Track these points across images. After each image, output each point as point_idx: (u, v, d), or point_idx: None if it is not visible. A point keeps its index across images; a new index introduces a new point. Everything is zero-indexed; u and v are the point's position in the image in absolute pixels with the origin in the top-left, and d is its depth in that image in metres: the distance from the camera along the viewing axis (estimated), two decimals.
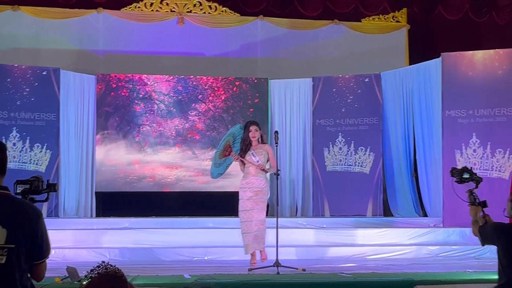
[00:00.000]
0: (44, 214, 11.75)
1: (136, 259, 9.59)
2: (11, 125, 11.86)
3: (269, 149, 9.17)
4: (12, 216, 3.67)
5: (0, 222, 3.62)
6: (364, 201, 12.57)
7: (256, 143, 9.16)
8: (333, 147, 12.85)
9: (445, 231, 11.02)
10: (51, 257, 9.59)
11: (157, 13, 13.65)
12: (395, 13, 14.43)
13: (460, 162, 11.29)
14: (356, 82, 12.89)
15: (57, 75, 12.16)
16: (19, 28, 13.17)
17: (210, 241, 10.44)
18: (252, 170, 9.08)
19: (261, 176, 9.08)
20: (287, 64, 14.01)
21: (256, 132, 9.15)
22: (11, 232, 3.63)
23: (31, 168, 11.84)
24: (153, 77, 12.96)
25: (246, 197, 9.11)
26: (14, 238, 3.63)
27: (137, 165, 12.75)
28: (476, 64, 11.48)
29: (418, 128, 12.38)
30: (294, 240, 10.53)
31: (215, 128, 12.99)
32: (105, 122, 12.70)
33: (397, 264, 9.40)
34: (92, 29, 13.49)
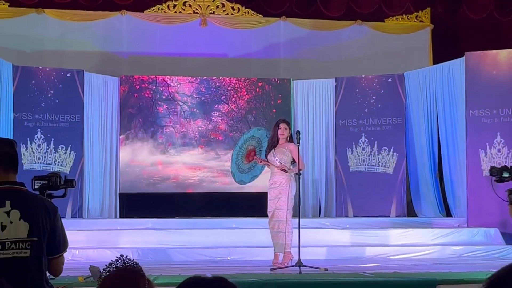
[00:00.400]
0: (69, 215, 11.90)
1: (158, 259, 9.64)
2: (36, 126, 11.96)
3: (293, 149, 9.04)
4: (33, 210, 3.74)
5: (22, 216, 3.69)
6: (388, 201, 12.52)
7: (284, 141, 9.12)
8: (356, 148, 12.83)
9: (469, 231, 10.95)
10: (75, 257, 9.71)
11: (180, 15, 13.69)
12: (418, 12, 14.36)
13: (485, 161, 11.22)
14: (379, 82, 12.85)
15: (81, 77, 12.25)
16: (44, 31, 13.28)
17: (233, 241, 10.48)
18: (277, 168, 9.06)
19: (284, 173, 9.01)
20: (310, 65, 14.00)
21: (285, 130, 9.13)
22: (33, 226, 3.69)
23: (56, 170, 11.88)
24: (176, 78, 13.01)
25: (272, 197, 9.10)
26: (36, 232, 3.69)
27: (161, 166, 12.81)
28: (500, 63, 11.40)
29: (442, 128, 12.30)
30: (317, 240, 10.52)
31: (238, 129, 13.01)
32: (129, 124, 12.77)
33: (420, 264, 9.35)
34: (116, 31, 13.57)
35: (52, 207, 3.82)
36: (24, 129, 11.86)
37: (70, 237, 10.33)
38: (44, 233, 3.74)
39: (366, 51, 14.15)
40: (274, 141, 9.16)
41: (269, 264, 8.92)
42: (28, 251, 3.69)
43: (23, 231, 3.68)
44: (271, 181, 9.13)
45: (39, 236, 3.71)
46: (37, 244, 3.71)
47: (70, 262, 9.28)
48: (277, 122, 9.34)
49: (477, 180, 11.29)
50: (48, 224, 3.75)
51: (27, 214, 3.71)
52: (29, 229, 3.69)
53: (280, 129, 9.13)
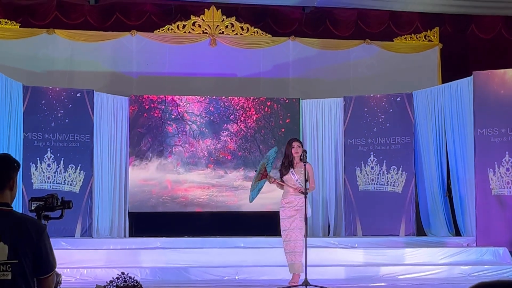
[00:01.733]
0: (78, 234, 11.91)
1: (167, 278, 9.65)
2: (46, 146, 12.02)
3: (309, 169, 9.06)
4: (12, 231, 3.68)
5: (2, 238, 3.64)
6: (397, 220, 12.50)
7: (298, 160, 9.12)
8: (365, 167, 12.82)
9: (478, 251, 10.91)
10: (83, 276, 9.72)
11: (190, 35, 13.79)
12: (427, 32, 14.41)
13: (493, 180, 11.21)
14: (388, 102, 12.87)
15: (91, 96, 12.32)
16: (54, 51, 13.40)
17: (241, 260, 10.48)
18: (291, 188, 9.05)
19: (300, 194, 8.98)
20: (319, 84, 14.05)
21: (299, 148, 9.13)
22: (12, 248, 3.65)
23: (65, 189, 11.98)
24: (185, 98, 13.07)
25: (286, 216, 9.05)
26: (16, 254, 3.64)
27: (170, 185, 12.84)
28: (507, 82, 11.41)
29: (451, 147, 12.29)
30: (325, 260, 10.51)
31: (246, 148, 13.05)
32: (138, 143, 12.82)
33: (428, 283, 9.33)
34: (126, 51, 13.67)
35: (37, 227, 3.76)
36: (34, 149, 11.92)
37: (79, 256, 10.41)
38: (26, 255, 3.69)
39: (375, 70, 14.20)
40: (290, 161, 9.14)
41: (276, 283, 8.92)
42: (10, 273, 3.65)
43: (3, 254, 3.66)
44: (286, 200, 9.09)
45: (19, 258, 3.67)
46: (18, 266, 3.66)
47: (78, 281, 9.34)
48: (289, 141, 9.34)
49: (485, 199, 11.27)
50: (32, 245, 3.71)
51: (7, 236, 3.66)
52: (9, 252, 3.66)
53: (293, 148, 9.13)
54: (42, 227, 3.82)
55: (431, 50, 14.35)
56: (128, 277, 3.30)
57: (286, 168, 9.15)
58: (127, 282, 3.30)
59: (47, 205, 4.09)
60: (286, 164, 9.17)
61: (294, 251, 8.90)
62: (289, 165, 9.14)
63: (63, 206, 4.13)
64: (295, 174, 9.05)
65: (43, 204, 4.08)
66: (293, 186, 8.99)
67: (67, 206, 4.15)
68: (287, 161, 9.18)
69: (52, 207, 4.11)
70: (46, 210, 4.10)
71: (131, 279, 3.29)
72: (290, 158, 9.15)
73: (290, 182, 9.06)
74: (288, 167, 9.13)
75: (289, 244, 8.95)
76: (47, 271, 3.81)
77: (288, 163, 9.15)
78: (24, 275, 3.67)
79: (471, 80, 11.67)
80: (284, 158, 9.29)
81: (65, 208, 4.16)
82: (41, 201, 4.07)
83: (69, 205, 4.17)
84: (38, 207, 4.06)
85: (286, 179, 9.11)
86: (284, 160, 9.26)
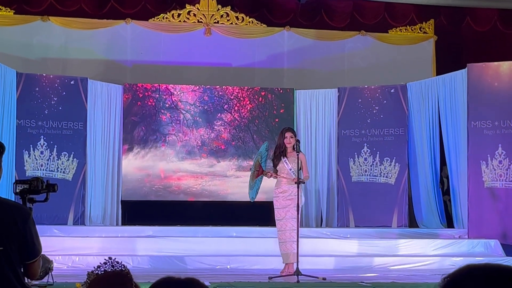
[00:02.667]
0: (71, 222, 11.91)
1: (159, 267, 9.65)
2: (39, 133, 12.00)
3: (303, 158, 9.05)
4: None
5: None
6: (389, 212, 12.53)
7: (291, 149, 9.09)
8: (358, 158, 12.83)
9: (469, 243, 10.94)
10: (75, 264, 9.71)
11: (185, 24, 13.76)
12: (422, 24, 14.41)
13: (486, 173, 11.23)
14: (382, 93, 12.87)
15: (85, 84, 12.30)
16: (48, 38, 13.36)
17: (233, 250, 10.50)
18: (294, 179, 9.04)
19: (293, 183, 8.95)
20: (314, 75, 14.04)
21: (291, 138, 9.10)
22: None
23: (58, 176, 11.97)
24: (179, 87, 13.05)
25: (280, 206, 9.04)
26: (1, 241, 3.60)
27: (163, 174, 12.84)
28: (501, 75, 11.42)
29: (444, 139, 12.30)
30: (317, 250, 10.54)
31: (240, 138, 13.04)
32: (132, 131, 12.81)
33: (419, 274, 9.36)
34: (120, 39, 13.64)
35: (22, 214, 3.70)
36: (27, 136, 11.90)
37: (71, 244, 10.41)
38: (12, 242, 3.66)
39: (369, 62, 14.19)
40: (281, 151, 9.12)
41: (268, 273, 8.92)
42: None
43: None
44: (280, 189, 9.08)
45: (5, 245, 3.63)
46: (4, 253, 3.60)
47: (70, 269, 9.34)
48: (282, 131, 9.32)
49: (478, 192, 11.30)
50: (18, 232, 3.68)
51: None
52: None
53: (286, 138, 9.11)
54: (27, 212, 3.77)
55: (426, 42, 14.35)
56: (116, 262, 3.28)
57: (278, 157, 9.13)
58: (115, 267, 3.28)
59: (32, 188, 4.07)
60: (278, 154, 9.16)
61: (288, 241, 8.90)
62: (280, 155, 9.11)
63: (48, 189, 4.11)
64: (289, 163, 9.04)
65: (27, 187, 4.05)
66: (287, 177, 8.98)
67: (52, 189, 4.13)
68: (278, 150, 9.17)
69: (37, 190, 4.09)
70: (31, 193, 4.08)
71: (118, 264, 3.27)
72: (282, 148, 9.13)
73: (284, 171, 9.06)
74: (280, 156, 9.11)
75: (284, 234, 8.95)
76: (33, 256, 3.79)
77: (280, 153, 9.13)
78: (10, 262, 3.64)
79: (465, 73, 11.67)
80: (276, 147, 9.28)
81: (50, 191, 4.13)
82: (26, 184, 4.05)
83: (54, 188, 4.14)
84: (23, 190, 4.04)
85: (279, 168, 9.10)
86: (276, 150, 9.25)
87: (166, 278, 2.26)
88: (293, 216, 8.87)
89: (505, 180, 11.07)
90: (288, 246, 8.89)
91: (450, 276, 1.78)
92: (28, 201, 4.06)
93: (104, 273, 3.24)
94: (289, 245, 8.88)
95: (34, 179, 4.08)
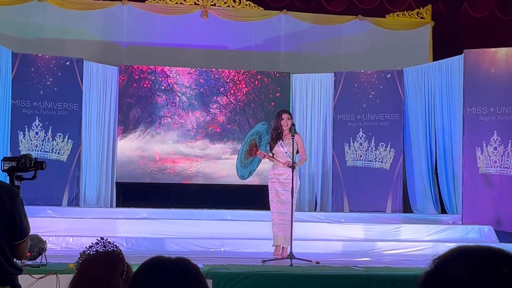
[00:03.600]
0: (65, 203, 11.92)
1: (152, 249, 9.66)
2: (34, 114, 11.98)
3: (299, 140, 9.00)
4: None
5: None
6: (384, 197, 12.55)
7: (287, 132, 9.01)
8: (354, 143, 12.84)
9: (463, 228, 10.97)
10: (69, 245, 9.71)
11: (181, 6, 13.70)
12: (419, 9, 14.36)
13: (481, 159, 11.24)
14: (378, 78, 12.86)
15: (80, 65, 12.26)
16: (44, 19, 13.29)
17: (227, 233, 10.52)
18: (281, 160, 9.02)
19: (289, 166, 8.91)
20: (310, 59, 14.01)
21: (288, 120, 9.02)
22: None
23: (53, 158, 11.96)
24: (175, 69, 13.02)
25: (274, 188, 9.03)
26: None
27: (158, 156, 12.83)
28: (498, 61, 11.40)
29: (439, 124, 12.30)
30: (311, 234, 10.56)
31: (236, 121, 13.03)
32: (127, 113, 12.79)
33: (412, 259, 9.37)
34: (117, 20, 13.58)
35: (10, 194, 3.71)
36: (22, 116, 11.88)
37: (65, 225, 10.42)
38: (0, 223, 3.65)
39: (366, 47, 14.16)
40: (278, 133, 9.07)
41: (262, 256, 8.92)
42: None
43: None
44: (276, 172, 9.05)
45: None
46: None
47: (64, 249, 9.35)
48: (278, 113, 9.26)
49: (472, 178, 11.31)
50: (6, 213, 3.67)
51: None
52: None
53: (283, 119, 9.03)
54: (16, 192, 3.76)
55: (423, 28, 14.31)
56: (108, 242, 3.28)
57: (274, 140, 9.09)
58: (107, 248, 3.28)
59: (20, 165, 4.04)
60: (274, 136, 9.11)
61: (282, 223, 8.91)
62: (277, 137, 9.07)
63: (36, 167, 4.08)
64: (284, 146, 9.02)
65: (15, 164, 4.02)
66: (282, 161, 8.97)
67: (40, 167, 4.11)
68: (275, 133, 9.11)
69: (25, 168, 4.07)
70: (19, 171, 4.06)
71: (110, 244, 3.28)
72: (279, 130, 9.07)
73: (280, 154, 9.04)
74: (276, 139, 9.07)
75: (277, 216, 8.96)
76: (22, 236, 3.78)
77: (277, 135, 9.08)
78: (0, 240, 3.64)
79: (462, 59, 11.66)
80: (272, 130, 9.20)
81: (38, 169, 4.11)
82: (13, 161, 4.02)
83: (42, 166, 4.12)
84: (11, 167, 4.01)
85: (276, 151, 9.08)
86: (272, 132, 9.17)
87: (157, 257, 2.25)
88: (288, 199, 8.86)
89: (500, 167, 11.08)
90: (281, 228, 8.91)
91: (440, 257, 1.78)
92: (16, 178, 4.04)
93: (96, 253, 3.24)
94: (282, 227, 8.90)
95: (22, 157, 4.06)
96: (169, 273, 2.17)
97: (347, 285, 7.29)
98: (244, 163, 9.22)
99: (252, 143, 9.13)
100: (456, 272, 1.70)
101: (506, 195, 11.16)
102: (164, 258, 2.23)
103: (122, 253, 3.23)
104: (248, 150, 9.14)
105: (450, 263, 1.73)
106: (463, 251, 1.75)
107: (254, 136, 9.20)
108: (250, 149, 9.14)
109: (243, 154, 9.18)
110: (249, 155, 9.18)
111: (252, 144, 9.12)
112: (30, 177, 4.09)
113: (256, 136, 9.18)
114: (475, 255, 1.72)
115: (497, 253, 1.72)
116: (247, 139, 9.25)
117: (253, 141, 9.13)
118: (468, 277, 1.68)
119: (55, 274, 6.75)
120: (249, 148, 9.13)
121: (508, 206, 11.09)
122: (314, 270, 7.81)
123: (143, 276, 2.20)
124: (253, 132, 9.32)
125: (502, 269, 1.68)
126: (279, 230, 8.95)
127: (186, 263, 2.21)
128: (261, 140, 9.19)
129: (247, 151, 9.15)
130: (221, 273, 7.21)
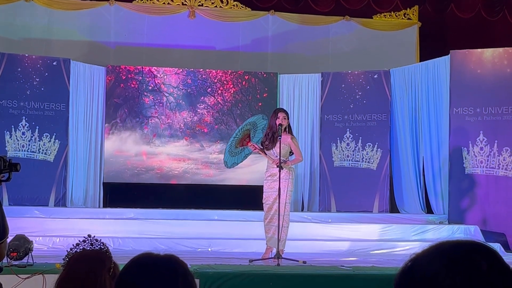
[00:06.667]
0: (52, 203, 11.88)
1: (139, 249, 9.60)
2: (21, 114, 11.94)
3: (290, 142, 8.88)
4: None
5: None
6: (371, 197, 12.58)
7: (283, 132, 8.81)
8: (341, 143, 12.87)
9: (449, 228, 11.01)
10: (56, 245, 9.67)
11: (169, 6, 13.69)
12: (406, 10, 14.42)
13: (467, 159, 11.30)
14: (365, 78, 12.89)
15: (67, 65, 12.24)
16: (31, 19, 13.25)
17: (214, 233, 10.51)
18: (272, 157, 8.91)
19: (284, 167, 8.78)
20: (297, 59, 14.03)
21: (284, 120, 8.83)
22: None
23: (40, 158, 11.94)
24: (163, 69, 13.01)
25: (268, 189, 8.95)
26: None
27: (145, 156, 12.82)
28: (484, 62, 11.46)
29: (426, 125, 12.35)
30: (298, 234, 10.51)
31: (223, 121, 13.04)
32: (114, 114, 12.77)
33: (399, 259, 9.37)
34: (104, 21, 13.55)
35: None
36: (8, 116, 11.84)
37: (52, 225, 10.38)
38: None
39: (353, 47, 14.20)
40: (274, 132, 8.82)
41: (249, 256, 8.92)
42: None
43: None
44: (268, 173, 8.96)
45: None
46: None
47: (50, 250, 9.32)
48: (275, 111, 9.07)
49: (459, 178, 11.36)
50: None
51: None
52: None
53: (278, 118, 8.82)
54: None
55: (410, 29, 14.36)
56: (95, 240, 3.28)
57: (270, 140, 8.92)
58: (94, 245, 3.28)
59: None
60: (270, 136, 8.93)
61: (274, 225, 8.84)
62: (273, 137, 8.88)
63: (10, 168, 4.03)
64: (284, 147, 8.85)
65: None
66: (272, 158, 8.88)
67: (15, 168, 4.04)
68: (271, 132, 8.92)
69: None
70: None
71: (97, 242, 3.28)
72: (274, 129, 8.87)
73: (272, 155, 8.93)
74: (273, 140, 8.88)
75: (271, 217, 8.91)
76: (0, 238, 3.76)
77: (272, 135, 8.90)
78: None
79: (448, 59, 11.71)
80: (268, 128, 9.00)
81: (12, 171, 4.05)
82: None
83: (16, 168, 4.05)
84: None
85: (275, 152, 8.92)
86: (268, 131, 8.99)
87: (145, 254, 2.26)
88: (280, 201, 8.75)
89: (486, 167, 11.14)
90: (270, 229, 8.90)
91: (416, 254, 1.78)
92: None
93: (82, 251, 3.24)
94: (271, 228, 8.88)
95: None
96: (157, 270, 2.17)
97: (334, 284, 7.31)
98: (233, 152, 9.10)
99: (245, 133, 9.00)
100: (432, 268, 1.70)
101: (492, 195, 11.22)
102: (152, 255, 2.24)
103: (109, 251, 3.23)
104: (240, 139, 9.01)
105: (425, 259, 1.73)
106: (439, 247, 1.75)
107: (248, 126, 9.04)
108: (243, 139, 9.01)
109: (235, 141, 9.03)
110: (240, 144, 9.06)
111: (245, 134, 9.00)
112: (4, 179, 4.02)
113: (251, 126, 9.03)
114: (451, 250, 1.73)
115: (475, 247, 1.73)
116: (242, 128, 9.03)
117: (247, 131, 8.99)
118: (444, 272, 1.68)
119: (42, 274, 6.74)
120: (242, 137, 9.00)
121: (494, 206, 11.16)
122: (301, 270, 7.82)
123: (131, 272, 2.20)
124: (248, 122, 9.14)
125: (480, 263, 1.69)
126: (269, 231, 8.91)
127: (174, 260, 2.22)
128: (255, 133, 9.07)
129: (239, 140, 9.02)
130: (208, 273, 7.23)
